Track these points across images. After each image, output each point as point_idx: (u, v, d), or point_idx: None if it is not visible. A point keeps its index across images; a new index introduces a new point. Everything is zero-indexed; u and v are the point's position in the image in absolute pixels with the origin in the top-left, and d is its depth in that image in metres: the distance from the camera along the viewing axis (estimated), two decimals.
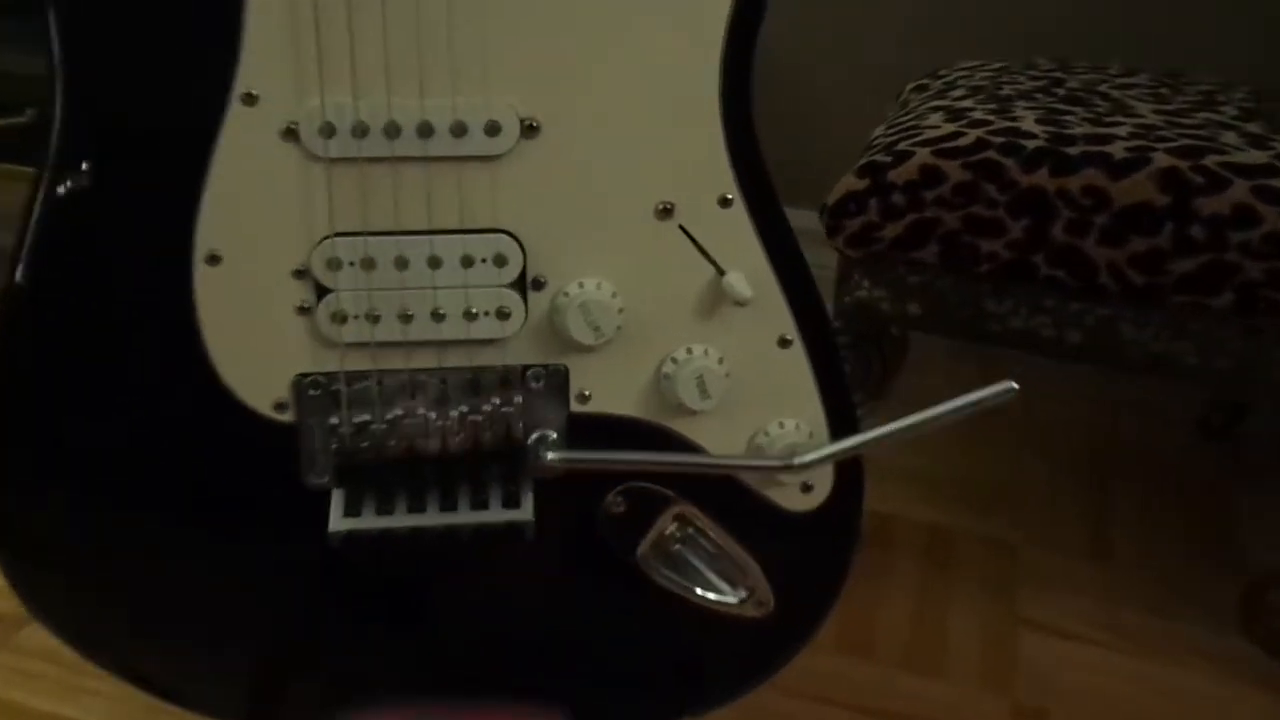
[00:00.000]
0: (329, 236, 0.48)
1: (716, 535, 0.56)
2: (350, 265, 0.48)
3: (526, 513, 0.54)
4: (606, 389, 0.53)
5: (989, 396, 0.35)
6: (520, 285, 0.50)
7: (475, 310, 0.50)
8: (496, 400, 0.52)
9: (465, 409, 0.52)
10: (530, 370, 0.52)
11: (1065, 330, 0.79)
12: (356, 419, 0.52)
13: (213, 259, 0.48)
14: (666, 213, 0.49)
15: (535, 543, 0.54)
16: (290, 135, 0.46)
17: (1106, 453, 1.17)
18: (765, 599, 0.57)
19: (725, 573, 0.57)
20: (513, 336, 0.51)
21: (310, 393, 0.51)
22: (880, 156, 0.78)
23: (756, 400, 0.53)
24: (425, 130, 0.46)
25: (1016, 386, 0.34)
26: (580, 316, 0.49)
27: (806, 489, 0.56)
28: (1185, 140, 0.77)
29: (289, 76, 0.45)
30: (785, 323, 0.52)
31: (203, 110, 0.46)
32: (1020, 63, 1.01)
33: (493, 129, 0.47)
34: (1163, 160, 0.73)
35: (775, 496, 0.56)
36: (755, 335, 0.52)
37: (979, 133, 0.77)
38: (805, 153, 1.32)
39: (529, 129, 0.47)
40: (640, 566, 0.56)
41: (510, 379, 0.52)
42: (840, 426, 0.54)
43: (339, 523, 0.52)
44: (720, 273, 0.50)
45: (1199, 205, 0.72)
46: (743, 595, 0.56)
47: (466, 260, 0.49)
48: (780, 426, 0.53)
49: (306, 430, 0.52)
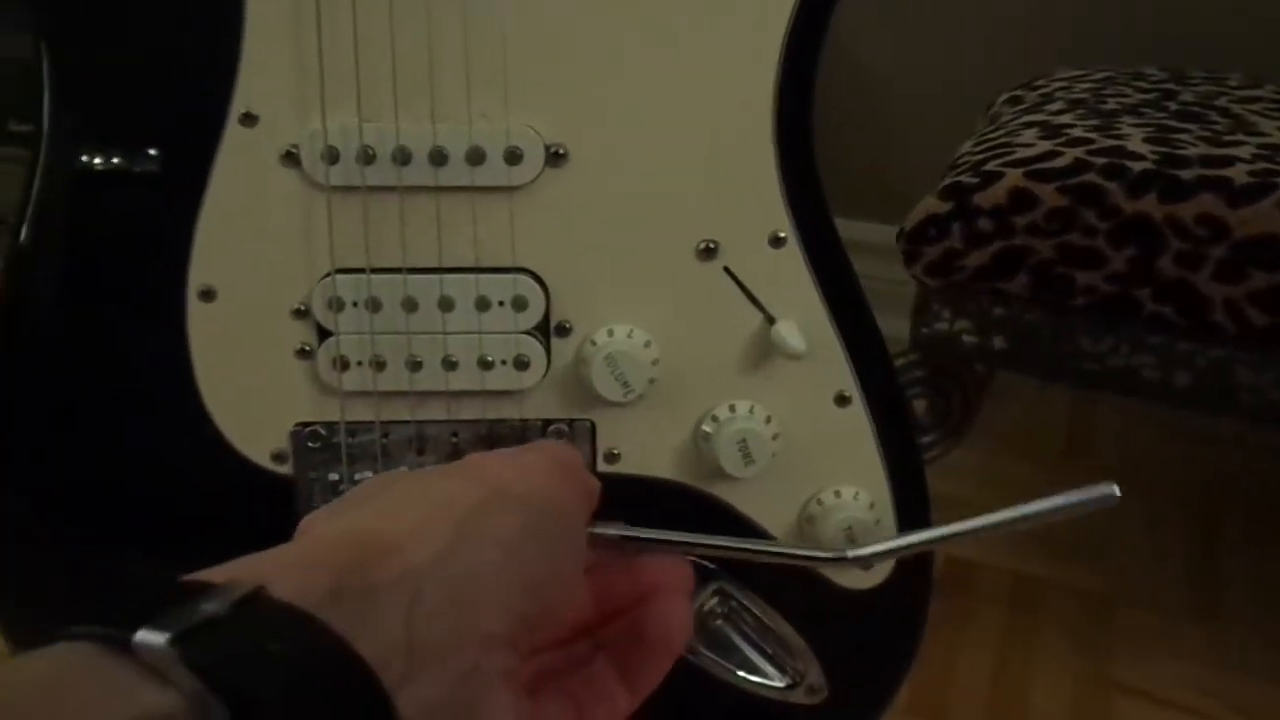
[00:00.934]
0: (331, 273, 0.45)
1: (762, 613, 0.51)
2: (353, 306, 0.46)
3: None
4: (638, 448, 0.49)
5: (1085, 501, 0.31)
6: (542, 331, 0.47)
7: (491, 359, 0.46)
8: None
9: None
10: (552, 426, 0.48)
11: (1172, 372, 0.75)
12: (358, 475, 0.48)
13: (206, 294, 0.46)
14: (709, 252, 0.45)
15: None
16: (290, 160, 0.44)
17: (1212, 494, 1.11)
18: (818, 685, 0.51)
19: (772, 654, 0.51)
20: (533, 388, 0.47)
21: (310, 444, 0.48)
22: (966, 177, 0.74)
23: (810, 464, 0.49)
24: (438, 157, 0.44)
25: (1119, 493, 0.29)
26: (607, 370, 0.45)
27: (866, 566, 0.50)
28: None
29: (290, 95, 0.43)
30: (844, 378, 0.48)
31: (198, 131, 0.44)
32: (1127, 72, 0.97)
33: (514, 156, 0.43)
34: None
35: (829, 573, 0.51)
36: (809, 392, 0.48)
37: (1078, 152, 0.73)
38: (883, 164, 1.26)
39: (555, 156, 0.44)
40: None
41: (529, 435, 0.48)
42: (906, 495, 0.50)
43: None
44: (770, 321, 0.46)
45: None
46: (790, 680, 0.51)
47: (482, 303, 0.46)
48: (836, 495, 0.49)
49: (305, 484, 0.49)
